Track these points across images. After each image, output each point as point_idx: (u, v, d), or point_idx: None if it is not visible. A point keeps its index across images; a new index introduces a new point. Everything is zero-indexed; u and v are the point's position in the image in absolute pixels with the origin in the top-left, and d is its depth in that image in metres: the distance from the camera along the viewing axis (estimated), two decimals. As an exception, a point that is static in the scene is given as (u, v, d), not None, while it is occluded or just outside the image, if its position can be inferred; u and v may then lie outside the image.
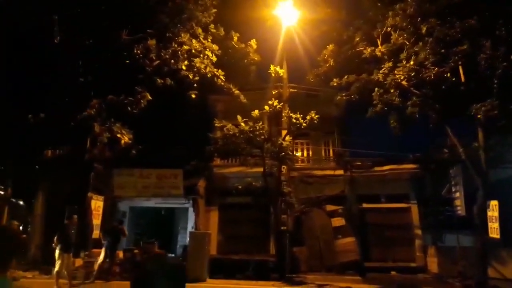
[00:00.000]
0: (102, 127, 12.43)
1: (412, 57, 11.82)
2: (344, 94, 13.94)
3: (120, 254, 13.12)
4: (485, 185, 11.45)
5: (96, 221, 13.70)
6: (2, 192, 15.26)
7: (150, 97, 12.23)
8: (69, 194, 14.06)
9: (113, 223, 13.68)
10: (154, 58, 12.20)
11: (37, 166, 15.40)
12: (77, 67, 12.41)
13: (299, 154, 17.72)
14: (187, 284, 11.63)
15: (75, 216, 12.01)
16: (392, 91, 12.34)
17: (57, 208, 14.05)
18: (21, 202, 16.54)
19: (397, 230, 15.48)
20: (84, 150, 13.05)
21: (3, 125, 12.60)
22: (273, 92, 14.75)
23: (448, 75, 11.20)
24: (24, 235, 14.40)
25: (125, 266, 12.57)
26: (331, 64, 14.09)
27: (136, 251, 13.60)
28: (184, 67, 12.45)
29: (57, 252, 10.49)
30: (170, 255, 17.00)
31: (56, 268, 10.32)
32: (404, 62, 12.00)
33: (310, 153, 17.81)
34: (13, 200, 16.02)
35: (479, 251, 11.44)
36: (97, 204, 13.86)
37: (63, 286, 10.32)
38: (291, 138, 14.35)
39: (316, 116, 13.34)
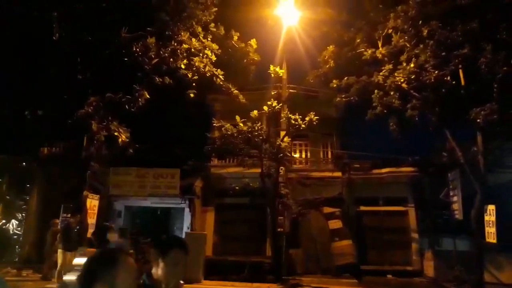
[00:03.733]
0: (100, 125, 12.33)
1: (413, 60, 11.82)
2: (343, 96, 13.86)
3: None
4: (483, 190, 11.42)
5: (91, 220, 13.56)
6: None
7: (148, 96, 12.14)
8: (65, 192, 13.94)
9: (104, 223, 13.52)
10: (153, 56, 12.10)
11: (33, 163, 15.28)
12: (76, 64, 12.31)
13: (297, 155, 17.64)
14: (186, 285, 11.64)
15: (78, 216, 11.90)
16: (392, 93, 12.34)
17: (52, 206, 13.93)
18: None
19: (394, 233, 15.45)
20: (81, 148, 12.93)
21: (0, 121, 12.49)
22: (272, 93, 14.65)
23: (448, 78, 11.19)
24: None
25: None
26: (331, 65, 14.05)
27: (131, 251, 13.47)
28: (183, 66, 12.38)
29: (59, 251, 10.36)
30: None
31: (58, 267, 10.18)
32: (405, 64, 11.99)
33: (309, 154, 17.73)
34: (8, 197, 15.88)
35: (475, 256, 11.42)
36: (92, 202, 13.71)
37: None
38: (289, 139, 14.26)
39: (315, 117, 13.27)
